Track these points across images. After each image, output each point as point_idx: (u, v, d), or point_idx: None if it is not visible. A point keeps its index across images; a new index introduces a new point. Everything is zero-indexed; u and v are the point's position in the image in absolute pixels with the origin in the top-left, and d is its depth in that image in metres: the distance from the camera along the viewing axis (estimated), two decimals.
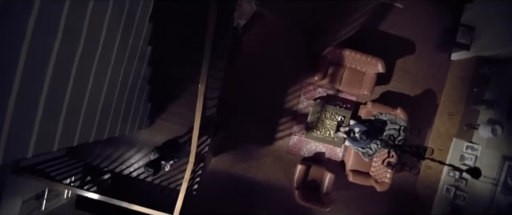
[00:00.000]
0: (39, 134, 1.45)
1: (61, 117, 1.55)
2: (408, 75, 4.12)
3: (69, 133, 1.68)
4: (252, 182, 4.21)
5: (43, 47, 1.28)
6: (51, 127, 1.52)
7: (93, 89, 1.73)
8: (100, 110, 1.92)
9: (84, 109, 1.72)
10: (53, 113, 1.49)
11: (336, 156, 4.20)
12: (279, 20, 3.91)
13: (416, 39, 4.07)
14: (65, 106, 1.54)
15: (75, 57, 1.48)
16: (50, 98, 1.40)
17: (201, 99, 1.89)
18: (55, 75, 1.38)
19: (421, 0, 4.00)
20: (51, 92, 1.40)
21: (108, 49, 1.77)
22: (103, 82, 1.84)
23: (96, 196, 2.50)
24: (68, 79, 1.50)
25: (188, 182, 2.31)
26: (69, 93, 1.54)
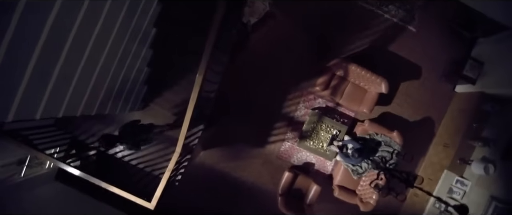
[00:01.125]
0: (23, 100, 1.40)
1: (48, 86, 1.49)
2: (409, 100, 4.08)
3: (55, 103, 1.63)
4: (237, 181, 4.16)
5: (38, 14, 1.23)
6: (36, 95, 1.47)
7: (88, 63, 1.68)
8: (92, 85, 1.86)
9: (75, 82, 1.67)
10: (40, 80, 1.43)
11: (325, 169, 4.16)
12: (291, 24, 3.86)
13: (424, 65, 4.03)
14: (54, 75, 1.49)
15: (72, 28, 1.43)
16: (38, 65, 1.35)
17: (197, 90, 1.84)
18: (48, 42, 1.33)
19: (435, 28, 3.97)
20: (41, 59, 1.35)
21: (109, 25, 1.72)
22: (99, 57, 1.79)
23: (76, 172, 2.45)
24: (62, 49, 1.45)
25: (171, 171, 2.25)
26: (61, 63, 1.48)
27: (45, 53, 1.35)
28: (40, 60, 1.35)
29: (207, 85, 2.19)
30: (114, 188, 2.30)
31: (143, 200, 2.32)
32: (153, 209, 2.35)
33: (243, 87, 3.94)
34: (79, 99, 1.81)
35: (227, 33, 2.19)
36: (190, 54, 2.51)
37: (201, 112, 2.57)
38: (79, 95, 1.78)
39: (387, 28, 3.93)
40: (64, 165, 2.42)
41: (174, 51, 2.59)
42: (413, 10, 3.92)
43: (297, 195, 3.88)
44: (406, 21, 3.94)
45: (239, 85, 3.93)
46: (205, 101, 2.48)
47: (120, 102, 2.38)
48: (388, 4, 3.88)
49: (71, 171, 2.44)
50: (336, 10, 3.85)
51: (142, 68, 2.46)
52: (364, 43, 3.93)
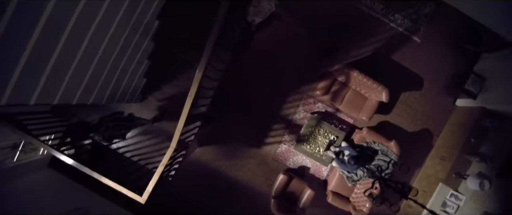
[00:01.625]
0: (17, 85, 1.37)
1: (45, 72, 1.47)
2: (409, 111, 4.07)
3: (51, 90, 1.61)
4: (231, 180, 4.14)
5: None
6: (31, 80, 1.45)
7: (87, 51, 1.65)
8: (90, 74, 1.84)
9: (72, 69, 1.64)
10: (36, 65, 1.41)
11: (321, 174, 4.14)
12: (295, 26, 3.84)
13: (426, 77, 4.02)
14: (51, 62, 1.47)
15: (73, 15, 1.40)
16: (35, 50, 1.33)
17: (196, 86, 1.81)
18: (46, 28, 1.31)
19: (439, 40, 3.95)
20: (38, 44, 1.33)
21: (111, 14, 1.70)
22: (99, 46, 1.76)
23: (69, 160, 2.42)
24: (61, 35, 1.43)
25: (164, 166, 2.23)
26: (59, 49, 1.46)
27: (43, 38, 1.33)
28: (38, 45, 1.33)
29: (206, 82, 2.17)
30: (106, 179, 2.27)
31: (134, 193, 2.30)
32: (143, 203, 2.32)
33: (243, 86, 3.92)
34: (76, 87, 1.79)
35: (231, 31, 2.17)
36: (192, 50, 2.49)
37: (200, 108, 2.55)
38: (76, 84, 1.76)
39: (392, 37, 3.91)
40: (57, 153, 2.40)
41: (176, 46, 2.56)
42: (419, 21, 3.90)
43: (290, 198, 3.86)
44: (411, 31, 3.92)
45: (240, 84, 3.90)
46: (204, 98, 2.46)
47: (118, 93, 2.36)
48: (394, 13, 3.86)
49: (63, 159, 2.41)
50: (342, 15, 3.83)
51: (142, 60, 2.44)
52: (367, 50, 3.91)
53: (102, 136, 2.36)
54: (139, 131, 2.88)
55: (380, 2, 3.82)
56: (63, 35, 1.44)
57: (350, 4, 3.80)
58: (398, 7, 3.85)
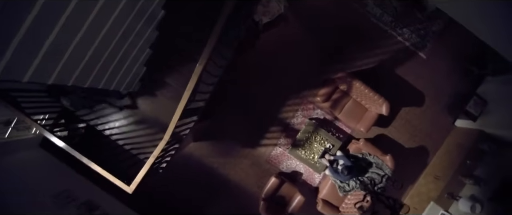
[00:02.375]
0: (12, 60, 1.34)
1: (42, 49, 1.43)
2: (408, 126, 4.04)
3: (47, 69, 1.57)
4: (223, 178, 4.10)
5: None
6: (27, 56, 1.41)
7: (87, 33, 1.62)
8: (89, 57, 1.80)
9: (70, 51, 1.60)
10: (33, 42, 1.37)
11: (313, 180, 4.11)
12: (302, 30, 3.81)
13: (428, 94, 3.99)
14: (49, 40, 1.43)
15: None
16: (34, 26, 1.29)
17: (195, 80, 1.78)
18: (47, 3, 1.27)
19: (445, 58, 3.92)
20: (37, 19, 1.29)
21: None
22: (100, 30, 1.73)
23: (60, 143, 2.38)
24: (61, 13, 1.39)
25: (155, 158, 2.19)
26: (58, 28, 1.42)
27: (42, 14, 1.29)
28: (36, 22, 1.30)
29: (206, 77, 2.14)
30: (95, 165, 2.23)
31: (122, 182, 2.26)
32: (130, 193, 2.28)
33: (244, 85, 3.89)
34: (73, 69, 1.75)
35: (236, 28, 2.13)
36: (195, 43, 2.45)
37: (197, 102, 2.51)
38: (72, 65, 1.72)
39: (398, 51, 3.89)
40: (48, 133, 2.36)
41: (180, 38, 2.53)
42: (427, 37, 3.88)
43: (280, 202, 3.83)
44: (418, 47, 3.89)
45: (241, 83, 3.87)
46: (203, 93, 2.42)
47: (116, 79, 2.31)
48: (402, 27, 3.83)
49: (54, 141, 2.37)
50: (350, 24, 3.80)
51: (144, 49, 2.40)
52: (372, 62, 3.88)
53: (70, 102, 2.38)
54: (134, 119, 2.85)
55: (390, 14, 3.80)
56: (64, 15, 1.40)
57: (359, 13, 3.78)
58: (407, 22, 3.82)
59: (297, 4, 3.70)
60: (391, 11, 3.78)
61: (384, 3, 3.76)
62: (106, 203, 3.59)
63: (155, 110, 2.79)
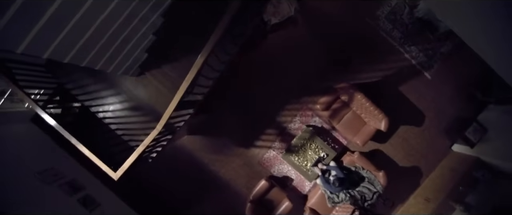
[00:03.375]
0: (6, 29, 1.29)
1: (39, 22, 1.38)
2: (404, 145, 4.00)
3: (43, 42, 1.52)
4: (212, 175, 4.05)
5: None
6: (23, 27, 1.36)
7: (89, 11, 1.56)
8: (89, 35, 1.75)
9: (70, 26, 1.55)
10: (31, 13, 1.32)
11: (303, 188, 4.07)
12: (310, 35, 3.76)
13: (428, 115, 3.95)
14: (48, 13, 1.38)
15: None
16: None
17: (194, 72, 1.73)
18: None
19: (450, 81, 3.88)
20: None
21: None
22: (103, 9, 1.67)
23: (51, 120, 2.33)
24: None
25: (145, 147, 2.14)
26: (59, 2, 1.37)
27: None
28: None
29: (207, 71, 2.09)
30: (83, 147, 2.18)
31: (109, 168, 2.21)
32: (116, 180, 2.23)
33: (245, 83, 3.84)
34: (70, 46, 1.70)
35: (243, 25, 2.08)
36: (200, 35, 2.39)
37: (195, 96, 2.46)
38: (71, 42, 1.67)
39: (404, 68, 3.85)
40: (39, 109, 2.30)
41: (185, 27, 2.47)
42: (434, 58, 3.84)
43: (267, 206, 3.79)
44: (424, 66, 3.85)
45: (243, 81, 3.82)
46: (202, 87, 2.37)
47: (115, 62, 2.26)
48: (411, 44, 3.79)
49: (45, 118, 2.32)
50: (359, 36, 3.75)
51: (148, 35, 2.35)
52: (376, 75, 3.84)
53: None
54: (129, 104, 2.79)
55: (400, 31, 3.76)
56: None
57: (370, 26, 3.73)
58: (416, 40, 3.78)
59: (308, 9, 3.65)
60: (402, 27, 3.74)
61: (396, 19, 3.71)
62: (91, 185, 3.54)
63: (152, 98, 2.74)
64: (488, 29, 1.97)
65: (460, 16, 1.98)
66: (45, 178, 3.24)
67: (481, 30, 1.96)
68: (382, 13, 3.71)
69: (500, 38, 1.95)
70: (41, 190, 3.01)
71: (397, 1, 3.68)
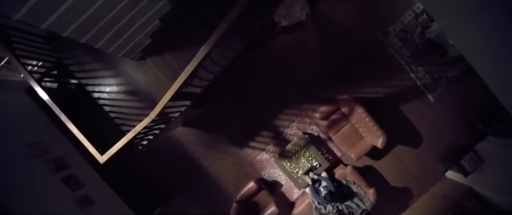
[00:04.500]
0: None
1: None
2: (398, 164, 3.96)
3: (42, 12, 1.46)
4: (202, 170, 4.00)
5: None
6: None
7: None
8: (92, 12, 1.69)
9: (72, 1, 1.49)
10: None
11: (291, 195, 4.02)
12: (318, 42, 3.71)
13: (426, 138, 3.91)
14: None
15: None
16: None
17: (195, 63, 1.67)
18: None
19: (452, 106, 3.84)
20: None
21: None
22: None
23: (43, 94, 2.26)
24: None
25: (136, 134, 2.08)
26: None
27: None
28: None
29: (209, 64, 2.03)
30: (72, 125, 2.12)
31: (96, 150, 2.15)
32: (101, 163, 2.17)
33: (247, 82, 3.78)
34: (71, 20, 1.64)
35: (252, 22, 2.03)
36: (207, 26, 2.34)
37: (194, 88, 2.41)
38: (72, 16, 1.61)
39: (408, 88, 3.80)
40: (32, 81, 2.24)
41: (193, 17, 2.41)
42: (440, 82, 3.79)
43: (253, 208, 3.73)
44: (428, 88, 3.81)
45: (244, 79, 3.76)
46: (201, 80, 2.31)
47: (117, 43, 2.20)
48: (419, 65, 3.75)
49: (37, 90, 2.26)
50: (366, 49, 3.70)
51: (153, 20, 2.29)
52: (379, 91, 3.79)
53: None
54: (126, 88, 2.73)
55: (409, 50, 3.71)
56: None
57: (379, 41, 3.68)
58: (424, 61, 3.74)
59: (320, 16, 3.60)
60: (411, 46, 3.69)
61: (407, 37, 3.67)
62: (78, 166, 3.47)
63: (150, 85, 2.68)
64: (499, 59, 1.93)
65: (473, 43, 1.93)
66: (31, 151, 3.18)
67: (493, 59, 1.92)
68: (393, 30, 3.67)
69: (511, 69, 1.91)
70: (25, 163, 2.95)
71: (410, 20, 3.64)
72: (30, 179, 2.85)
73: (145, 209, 3.87)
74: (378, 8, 3.62)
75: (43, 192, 2.88)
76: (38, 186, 2.87)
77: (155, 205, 4.01)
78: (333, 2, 3.56)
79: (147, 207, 3.94)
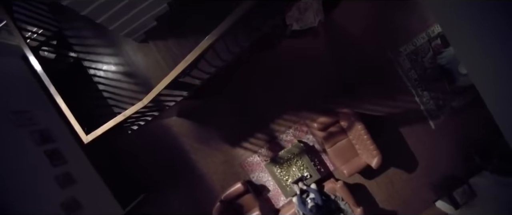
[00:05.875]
0: None
1: None
2: (389, 187, 3.88)
3: None
4: (190, 163, 3.90)
5: None
6: None
7: None
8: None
9: None
10: None
11: (277, 201, 3.93)
12: (327, 51, 3.63)
13: (421, 164, 3.84)
14: None
15: None
16: None
17: (196, 53, 1.58)
18: None
19: (452, 136, 3.77)
20: None
21: None
22: None
23: (35, 63, 2.17)
24: None
25: (125, 117, 1.99)
26: None
27: None
28: None
29: (211, 56, 1.94)
30: (60, 98, 2.02)
31: (82, 129, 2.05)
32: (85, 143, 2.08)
33: (249, 82, 3.69)
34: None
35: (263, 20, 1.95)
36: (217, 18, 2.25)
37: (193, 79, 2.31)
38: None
39: (410, 111, 3.73)
40: (26, 48, 2.14)
41: (203, 6, 2.32)
42: (443, 109, 3.72)
43: (237, 210, 3.65)
44: (431, 114, 3.74)
45: (246, 79, 3.67)
46: (202, 72, 2.22)
47: (120, 20, 2.11)
48: (424, 89, 3.67)
49: (29, 58, 2.16)
50: (375, 66, 3.62)
51: (161, 3, 2.20)
52: (381, 110, 3.72)
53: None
54: (124, 69, 2.64)
55: (417, 72, 3.64)
56: None
57: (388, 60, 3.61)
58: (431, 86, 3.67)
59: (333, 25, 3.53)
60: (420, 69, 3.62)
61: (417, 60, 3.60)
62: (64, 141, 3.37)
63: (149, 69, 2.59)
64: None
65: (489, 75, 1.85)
66: (18, 119, 3.07)
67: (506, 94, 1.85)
68: (404, 50, 3.59)
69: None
70: (9, 130, 2.84)
71: (423, 43, 3.57)
72: (11, 148, 2.75)
73: (127, 195, 3.77)
74: (393, 26, 3.55)
75: (22, 162, 2.77)
76: (18, 156, 2.76)
77: (137, 192, 3.92)
78: (349, 14, 3.48)
79: (129, 193, 3.84)
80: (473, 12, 1.61)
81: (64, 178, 3.07)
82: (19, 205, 2.58)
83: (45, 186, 2.87)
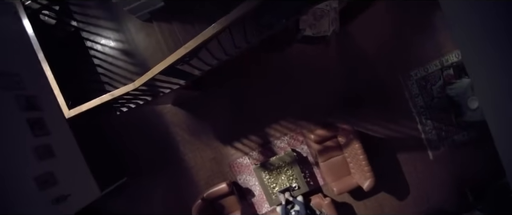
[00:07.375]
0: None
1: None
2: (378, 211, 3.76)
3: None
4: (178, 155, 3.77)
5: None
6: None
7: None
8: None
9: None
10: None
11: (260, 208, 3.80)
12: (335, 64, 3.51)
13: (413, 193, 3.72)
14: None
15: None
16: None
17: (198, 41, 1.46)
18: None
19: (449, 170, 3.66)
20: None
21: None
22: None
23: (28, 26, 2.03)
24: None
25: (113, 97, 1.85)
26: None
27: None
28: None
29: (214, 46, 1.81)
30: (47, 66, 1.88)
31: (65, 102, 1.91)
32: (67, 118, 1.94)
33: (251, 82, 3.56)
34: None
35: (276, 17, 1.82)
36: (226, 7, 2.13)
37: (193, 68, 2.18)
38: None
39: (411, 137, 3.61)
40: (21, 10, 2.00)
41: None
42: (444, 142, 3.61)
43: (217, 209, 3.52)
44: (431, 144, 3.62)
45: (249, 78, 3.54)
46: (203, 63, 2.09)
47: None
48: (429, 118, 3.56)
49: (21, 17, 2.02)
50: (382, 86, 3.51)
51: None
52: (382, 132, 3.60)
53: None
54: (122, 46, 2.50)
55: (424, 99, 3.53)
56: None
57: (397, 83, 3.49)
58: (436, 116, 3.55)
59: (347, 37, 3.41)
60: (427, 97, 3.51)
61: (426, 87, 3.49)
62: (51, 112, 3.20)
63: (148, 50, 2.45)
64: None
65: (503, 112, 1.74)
66: (5, 81, 2.92)
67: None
68: (415, 75, 3.48)
69: None
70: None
71: (434, 70, 3.46)
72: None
73: (108, 177, 3.62)
74: (407, 48, 3.44)
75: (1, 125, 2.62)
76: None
77: (118, 176, 3.77)
78: (364, 28, 3.37)
79: (111, 176, 3.69)
80: (501, 45, 1.49)
81: (43, 149, 2.91)
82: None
83: (21, 155, 2.72)
